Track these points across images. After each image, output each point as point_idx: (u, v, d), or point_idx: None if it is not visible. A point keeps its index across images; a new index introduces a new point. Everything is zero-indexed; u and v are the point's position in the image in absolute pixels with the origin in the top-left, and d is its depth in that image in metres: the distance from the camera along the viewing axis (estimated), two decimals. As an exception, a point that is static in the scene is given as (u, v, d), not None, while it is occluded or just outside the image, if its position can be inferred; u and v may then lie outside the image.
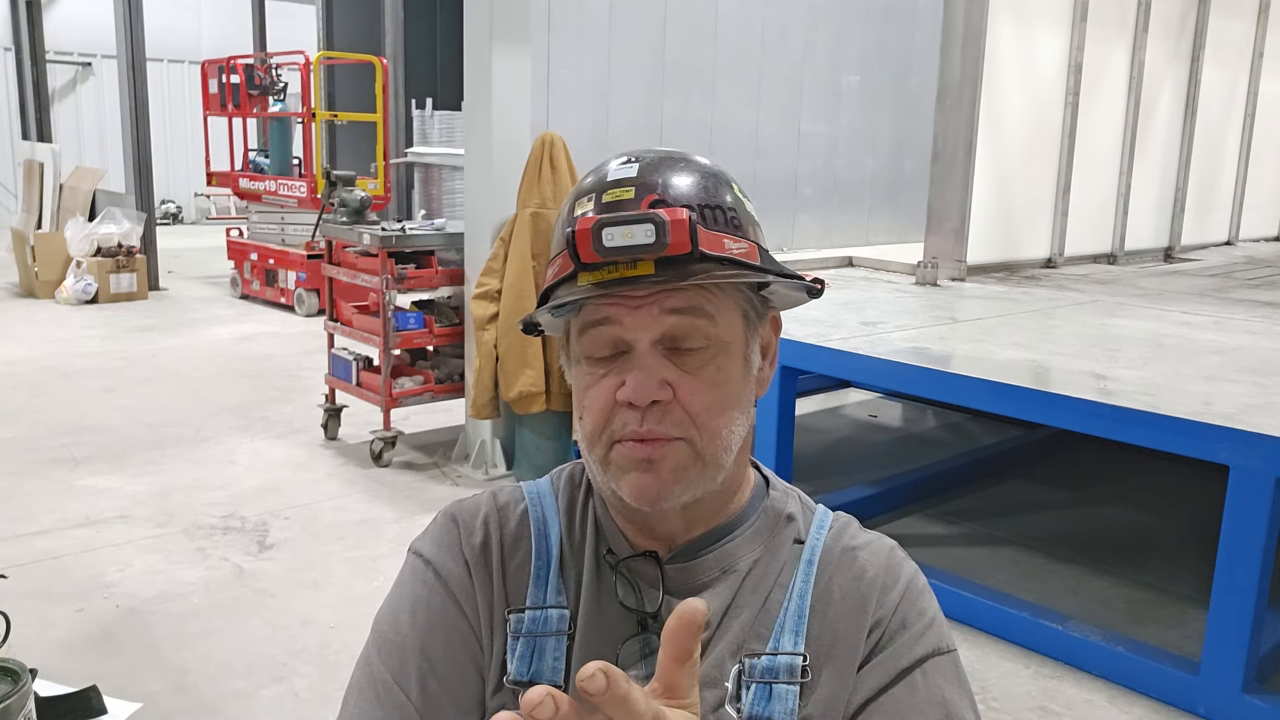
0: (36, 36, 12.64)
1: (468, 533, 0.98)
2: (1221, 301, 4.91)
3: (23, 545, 3.82)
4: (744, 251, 0.87)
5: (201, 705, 2.80)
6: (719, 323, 0.88)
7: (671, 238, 0.81)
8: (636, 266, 0.83)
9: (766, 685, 0.89)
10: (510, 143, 4.59)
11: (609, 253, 0.82)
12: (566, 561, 0.97)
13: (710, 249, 0.84)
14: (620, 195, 0.87)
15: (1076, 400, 2.93)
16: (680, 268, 0.83)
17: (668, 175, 0.88)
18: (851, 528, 0.99)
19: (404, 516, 4.21)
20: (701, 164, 0.92)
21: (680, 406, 0.86)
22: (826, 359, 3.57)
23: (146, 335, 7.83)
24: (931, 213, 5.33)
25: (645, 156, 0.90)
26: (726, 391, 0.89)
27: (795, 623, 0.92)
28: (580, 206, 0.88)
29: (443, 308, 5.05)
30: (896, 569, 0.95)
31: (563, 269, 0.88)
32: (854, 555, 0.95)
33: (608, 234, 0.82)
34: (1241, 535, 2.66)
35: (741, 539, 0.96)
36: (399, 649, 0.94)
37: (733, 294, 0.89)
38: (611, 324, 0.87)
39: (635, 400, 0.85)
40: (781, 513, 0.98)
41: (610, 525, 0.98)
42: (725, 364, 0.89)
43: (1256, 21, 7.12)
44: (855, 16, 6.68)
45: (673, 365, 0.87)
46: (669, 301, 0.85)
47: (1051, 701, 2.92)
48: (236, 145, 10.61)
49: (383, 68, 9.25)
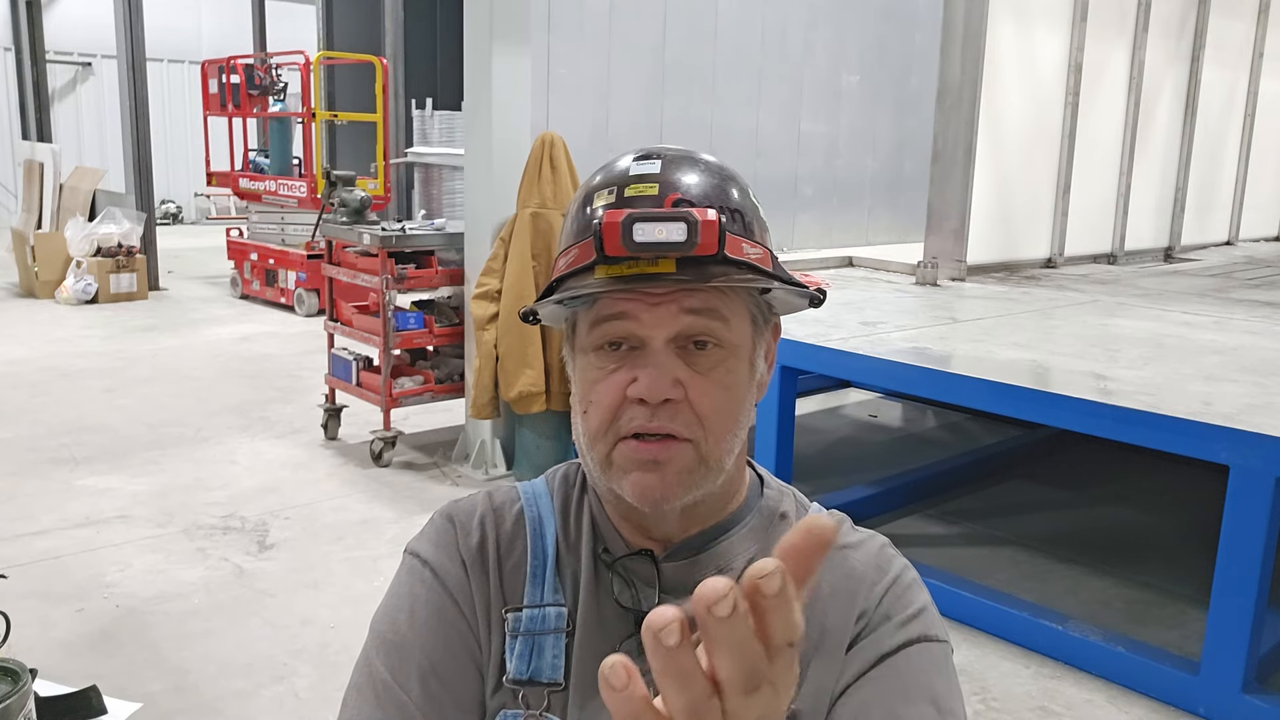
0: (36, 36, 12.65)
1: (464, 533, 0.98)
2: (1221, 301, 4.91)
3: (23, 545, 3.82)
4: (759, 257, 0.88)
5: (201, 705, 2.80)
6: (732, 326, 0.88)
7: (701, 238, 0.81)
8: (658, 264, 0.83)
9: None
10: (510, 143, 4.59)
11: (637, 248, 0.82)
12: (563, 560, 0.97)
13: (732, 253, 0.84)
14: (644, 191, 0.86)
15: (1076, 400, 2.93)
16: (701, 269, 0.83)
17: (688, 174, 0.88)
18: (844, 526, 0.99)
19: (404, 516, 4.21)
20: (717, 165, 0.92)
21: (690, 406, 0.87)
22: (826, 359, 3.57)
23: (146, 335, 7.83)
24: (931, 213, 5.33)
25: (666, 153, 0.90)
26: (734, 394, 0.89)
27: None
28: (599, 199, 0.88)
29: (443, 308, 5.05)
30: (886, 564, 0.94)
31: (578, 260, 0.87)
32: (844, 553, 0.95)
33: (639, 229, 0.81)
34: (1241, 535, 2.66)
35: (737, 538, 0.96)
36: (398, 649, 0.94)
37: (743, 298, 0.90)
38: (627, 319, 0.86)
39: (648, 397, 0.85)
40: (776, 511, 0.99)
41: (606, 524, 0.98)
42: (735, 366, 0.89)
43: (1256, 21, 7.12)
44: (855, 16, 6.68)
45: (685, 365, 0.87)
46: (687, 301, 0.86)
47: (1051, 701, 2.92)
48: (236, 145, 10.61)
49: (383, 68, 9.25)
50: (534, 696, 0.93)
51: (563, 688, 0.93)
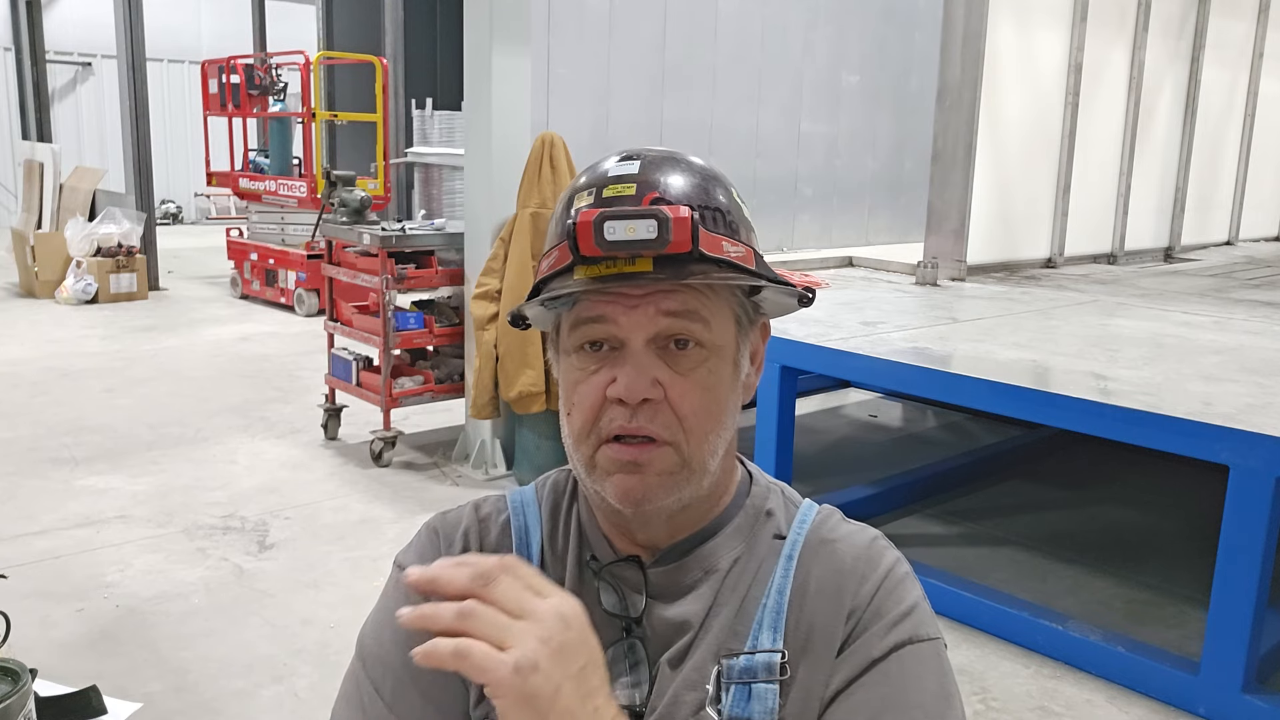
0: (36, 36, 12.66)
1: (447, 544, 0.99)
2: (1221, 301, 4.91)
3: (23, 545, 3.82)
4: (741, 255, 0.87)
5: (201, 705, 2.80)
6: (713, 327, 0.88)
7: (674, 235, 0.81)
8: (635, 263, 0.83)
9: (745, 686, 0.88)
10: (510, 143, 4.59)
11: (610, 246, 0.82)
12: (548, 568, 0.97)
13: (709, 250, 0.84)
14: (621, 191, 0.86)
15: (1076, 400, 2.93)
16: (679, 267, 0.83)
17: (669, 174, 0.88)
18: (832, 519, 0.98)
19: (404, 516, 4.21)
20: (700, 165, 0.91)
21: (670, 407, 0.86)
22: (826, 359, 3.57)
23: (146, 335, 7.83)
24: (931, 213, 5.33)
25: (646, 154, 0.90)
26: (715, 395, 0.89)
27: (773, 619, 0.91)
28: (579, 200, 0.87)
29: (443, 308, 5.05)
30: (876, 558, 0.93)
31: (559, 261, 0.87)
32: (833, 547, 0.94)
33: (609, 228, 0.81)
34: (1241, 535, 2.66)
35: (722, 538, 0.95)
36: (382, 662, 0.94)
37: (726, 298, 0.89)
38: (606, 322, 0.86)
39: (626, 398, 0.85)
40: (761, 509, 0.98)
41: (594, 530, 0.97)
42: (716, 367, 0.88)
43: (1256, 21, 7.12)
44: (855, 16, 6.68)
45: (665, 365, 0.87)
46: (665, 304, 0.85)
47: (1051, 701, 2.92)
48: (236, 145, 10.62)
49: (383, 68, 9.25)
50: None
51: None
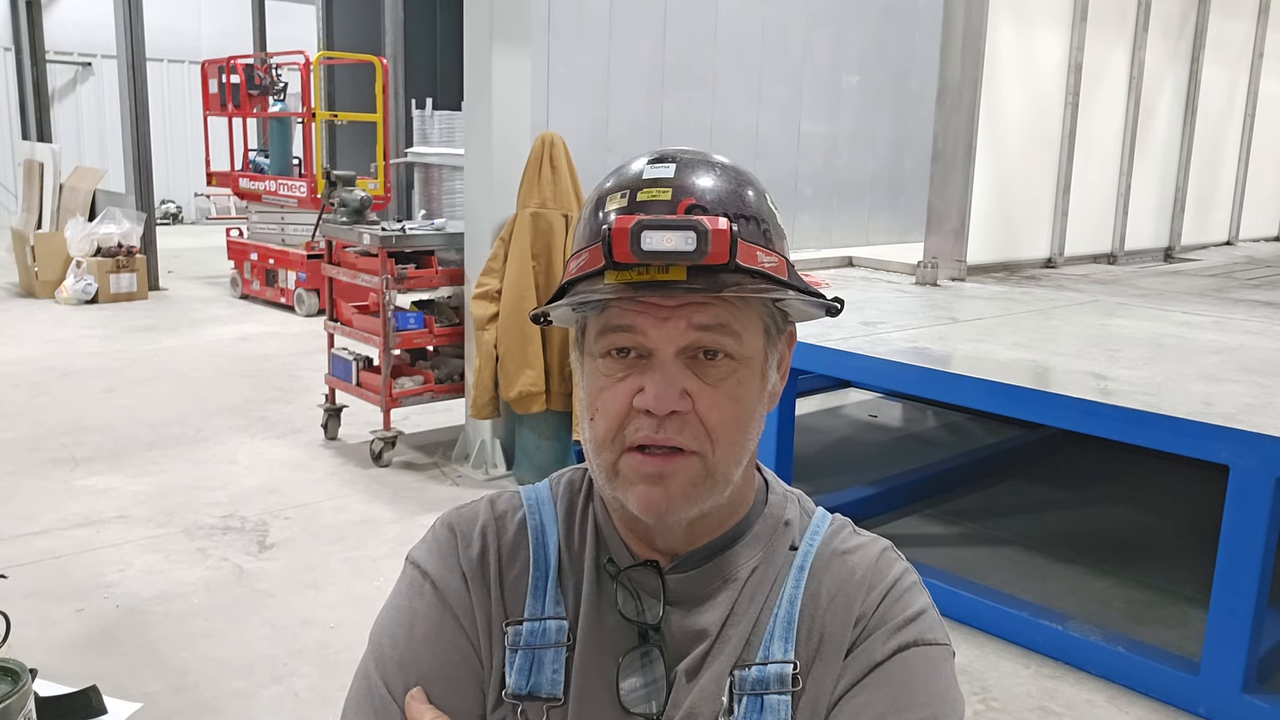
0: (36, 36, 12.66)
1: (465, 543, 0.97)
2: (1221, 301, 4.91)
3: (23, 545, 3.82)
4: (774, 265, 0.85)
5: (201, 705, 2.80)
6: (744, 339, 0.86)
7: (712, 247, 0.79)
8: (669, 271, 0.81)
9: (758, 697, 0.88)
10: (510, 143, 4.59)
11: (646, 256, 0.80)
12: (565, 570, 0.96)
13: (745, 261, 0.82)
14: (656, 195, 0.84)
15: (1076, 400, 2.93)
16: (713, 277, 0.81)
17: (704, 179, 0.85)
18: (845, 531, 0.98)
19: (404, 516, 4.21)
20: (735, 170, 0.89)
21: (698, 418, 0.85)
22: (826, 359, 3.57)
23: (146, 335, 7.83)
24: (931, 213, 5.33)
25: (681, 157, 0.87)
26: (744, 406, 0.87)
27: (785, 629, 0.90)
28: (611, 202, 0.85)
29: (443, 308, 5.05)
30: (885, 569, 0.93)
31: (589, 264, 0.85)
32: (844, 559, 0.94)
33: (647, 237, 0.79)
34: (1241, 535, 2.66)
35: (741, 546, 0.94)
36: (396, 664, 0.93)
37: (757, 309, 0.88)
38: (635, 332, 0.84)
39: (654, 409, 0.84)
40: (780, 518, 0.97)
41: (611, 533, 0.96)
42: (745, 378, 0.87)
43: (1256, 21, 7.12)
44: (855, 16, 6.68)
45: (694, 376, 0.85)
46: (697, 317, 0.84)
47: (1051, 701, 2.92)
48: (236, 145, 10.61)
49: (383, 68, 9.25)
50: (533, 711, 0.92)
51: (562, 702, 0.92)
